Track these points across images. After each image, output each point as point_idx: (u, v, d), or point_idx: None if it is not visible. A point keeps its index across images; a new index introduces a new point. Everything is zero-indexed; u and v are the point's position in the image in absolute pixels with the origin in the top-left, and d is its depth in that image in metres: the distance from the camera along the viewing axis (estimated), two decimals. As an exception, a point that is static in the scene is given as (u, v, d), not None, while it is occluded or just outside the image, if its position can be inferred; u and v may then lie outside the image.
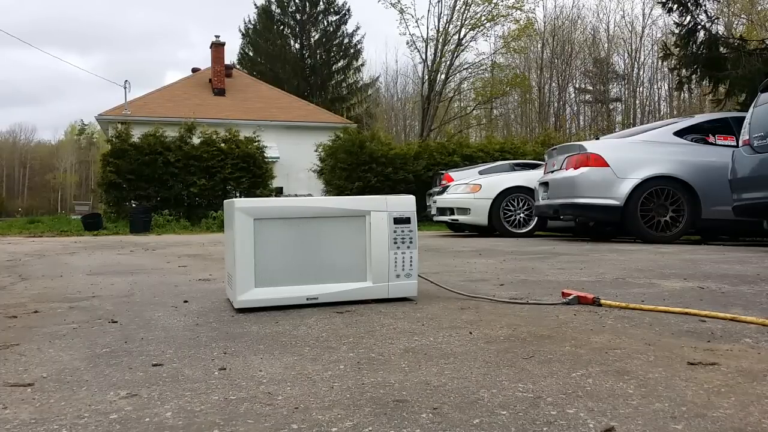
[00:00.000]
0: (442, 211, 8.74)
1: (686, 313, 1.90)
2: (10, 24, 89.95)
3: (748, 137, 4.84)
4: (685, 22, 10.12)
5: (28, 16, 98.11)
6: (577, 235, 7.92)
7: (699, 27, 10.08)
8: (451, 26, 25.58)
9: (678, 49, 10.48)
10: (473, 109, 30.31)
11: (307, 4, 35.70)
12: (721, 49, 9.97)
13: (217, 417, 1.03)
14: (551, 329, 1.72)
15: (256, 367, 1.35)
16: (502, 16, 24.93)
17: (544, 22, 34.69)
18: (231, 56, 36.52)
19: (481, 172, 9.99)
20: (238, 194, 13.78)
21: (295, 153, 19.95)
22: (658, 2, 10.54)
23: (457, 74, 26.98)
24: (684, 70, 10.49)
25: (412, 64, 64.91)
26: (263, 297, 2.07)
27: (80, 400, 1.13)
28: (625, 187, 5.86)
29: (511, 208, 8.04)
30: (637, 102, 36.04)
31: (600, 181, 5.97)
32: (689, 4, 10.03)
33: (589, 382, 1.19)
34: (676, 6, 10.15)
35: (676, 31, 10.40)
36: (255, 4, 35.43)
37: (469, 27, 25.37)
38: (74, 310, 2.21)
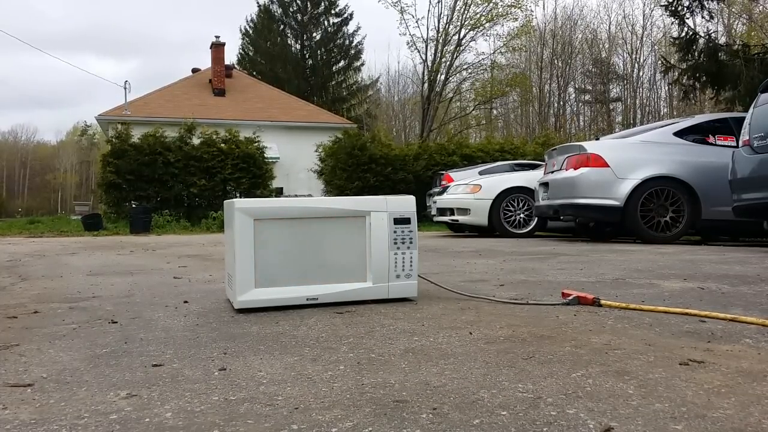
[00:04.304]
0: (442, 211, 8.74)
1: (686, 314, 1.90)
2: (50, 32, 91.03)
3: (748, 137, 4.84)
4: (683, 34, 10.14)
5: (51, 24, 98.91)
6: (577, 236, 7.92)
7: (698, 37, 10.09)
8: (451, 26, 25.60)
9: (679, 60, 10.50)
10: (473, 110, 30.32)
11: (309, 4, 35.72)
12: (723, 57, 9.97)
13: (217, 417, 1.03)
14: (551, 329, 1.72)
15: (256, 368, 1.35)
16: (502, 15, 24.95)
17: (544, 22, 34.72)
18: (231, 56, 36.58)
19: (481, 173, 10.00)
20: (238, 194, 13.79)
21: (295, 153, 19.96)
22: (661, 5, 10.57)
23: (457, 74, 27.00)
24: (686, 79, 10.50)
25: (413, 65, 64.94)
26: (263, 297, 2.07)
27: (80, 400, 1.13)
28: (625, 188, 5.86)
29: (511, 208, 8.04)
30: (637, 102, 36.02)
31: (600, 181, 5.97)
32: (685, 16, 10.05)
33: (589, 383, 1.19)
34: (673, 19, 10.18)
35: (675, 42, 10.41)
36: (257, 3, 35.45)
37: (469, 27, 25.39)
38: (74, 310, 2.21)
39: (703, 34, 10.17)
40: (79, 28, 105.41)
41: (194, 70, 26.73)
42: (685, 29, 10.10)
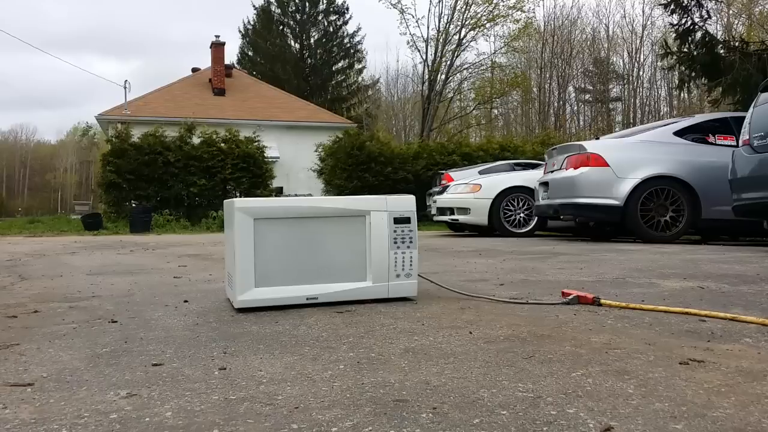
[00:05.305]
0: (442, 210, 8.74)
1: (686, 313, 1.90)
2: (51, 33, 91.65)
3: (748, 137, 4.84)
4: (682, 22, 10.16)
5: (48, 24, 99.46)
6: (577, 235, 7.92)
7: (696, 27, 10.11)
8: (451, 26, 25.61)
9: (677, 48, 10.53)
10: (473, 109, 30.33)
11: (307, 4, 35.68)
12: (720, 50, 10.00)
13: (217, 417, 1.03)
14: (551, 329, 1.72)
15: (256, 367, 1.35)
16: (503, 16, 24.96)
17: (544, 22, 34.71)
18: (231, 57, 36.54)
19: (481, 172, 10.00)
20: (238, 194, 13.78)
21: (295, 153, 19.97)
22: (660, 4, 10.59)
23: (458, 74, 27.01)
24: (683, 68, 10.53)
25: (413, 64, 65.02)
26: (263, 297, 2.07)
27: (80, 400, 1.13)
28: (625, 187, 5.85)
29: (511, 208, 8.04)
30: (637, 102, 36.03)
31: (600, 181, 5.97)
32: (689, 7, 10.06)
33: (589, 382, 1.19)
34: (675, 7, 10.18)
35: (674, 30, 10.44)
36: (254, 5, 35.45)
37: (470, 27, 25.39)
38: (74, 310, 2.21)
39: (701, 23, 10.18)
40: (83, 29, 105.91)
41: (194, 70, 26.71)
42: (684, 17, 10.10)
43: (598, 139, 7.13)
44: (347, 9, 36.22)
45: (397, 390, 1.16)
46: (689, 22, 10.13)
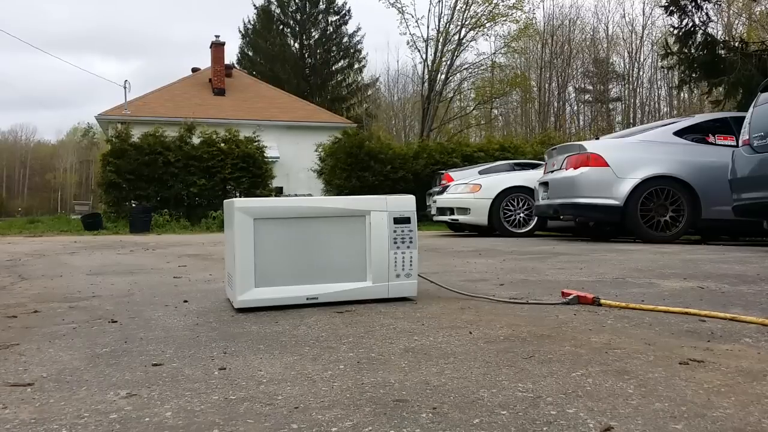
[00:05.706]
0: (442, 210, 8.74)
1: (686, 313, 1.90)
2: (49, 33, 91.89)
3: (748, 137, 4.84)
4: (683, 24, 10.18)
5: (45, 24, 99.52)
6: (577, 235, 7.92)
7: (697, 29, 10.12)
8: (451, 26, 25.64)
9: (678, 49, 10.55)
10: (473, 109, 30.36)
11: (307, 4, 35.68)
12: (720, 51, 10.02)
13: (217, 417, 1.03)
14: (551, 329, 1.72)
15: (256, 367, 1.35)
16: (503, 16, 24.98)
17: (544, 23, 34.71)
18: (231, 57, 36.54)
19: (481, 172, 10.00)
20: (238, 194, 13.78)
21: (295, 153, 19.98)
22: (660, 6, 10.63)
23: (458, 74, 27.03)
24: (682, 69, 10.55)
25: (413, 64, 65.13)
26: (263, 297, 2.07)
27: (80, 400, 1.13)
28: (625, 187, 5.85)
29: (511, 208, 8.04)
30: (637, 102, 36.04)
31: (600, 181, 5.97)
32: (688, 8, 10.08)
33: (589, 382, 1.19)
34: (676, 9, 10.19)
35: (674, 33, 10.46)
36: (254, 5, 35.47)
37: (470, 27, 25.41)
38: (74, 310, 2.21)
39: (701, 26, 10.19)
40: (84, 29, 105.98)
41: (194, 70, 26.70)
42: (686, 20, 10.13)
43: (598, 139, 7.14)
44: (348, 10, 36.25)
45: (397, 390, 1.16)
46: (690, 24, 10.14)
